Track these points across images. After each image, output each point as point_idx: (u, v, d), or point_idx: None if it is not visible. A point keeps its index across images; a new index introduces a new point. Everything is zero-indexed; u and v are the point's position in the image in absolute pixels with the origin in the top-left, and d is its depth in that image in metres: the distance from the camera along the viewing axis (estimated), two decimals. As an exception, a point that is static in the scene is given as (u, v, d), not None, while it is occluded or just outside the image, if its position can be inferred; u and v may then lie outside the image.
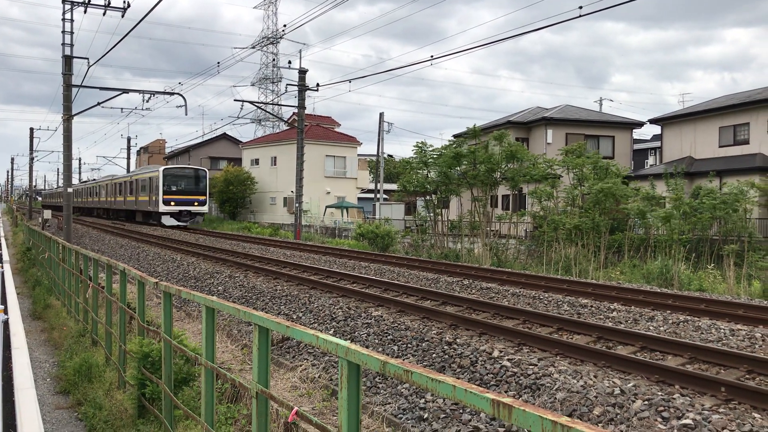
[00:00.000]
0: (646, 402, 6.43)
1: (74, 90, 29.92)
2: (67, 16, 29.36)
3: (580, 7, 16.95)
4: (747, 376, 7.50)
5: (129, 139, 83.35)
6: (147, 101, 32.26)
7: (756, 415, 6.22)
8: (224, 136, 68.59)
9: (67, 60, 29.34)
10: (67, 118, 29.69)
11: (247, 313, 4.39)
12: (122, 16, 26.85)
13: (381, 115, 51.77)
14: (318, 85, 34.86)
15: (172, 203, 42.44)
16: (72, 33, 29.49)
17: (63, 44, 29.28)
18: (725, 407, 6.45)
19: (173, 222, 42.52)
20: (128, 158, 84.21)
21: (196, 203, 43.30)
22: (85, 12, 28.16)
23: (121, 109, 35.98)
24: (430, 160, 28.51)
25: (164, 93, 32.26)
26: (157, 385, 6.54)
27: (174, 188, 42.77)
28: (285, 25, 46.70)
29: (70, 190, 30.36)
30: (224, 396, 7.35)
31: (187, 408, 5.92)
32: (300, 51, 61.04)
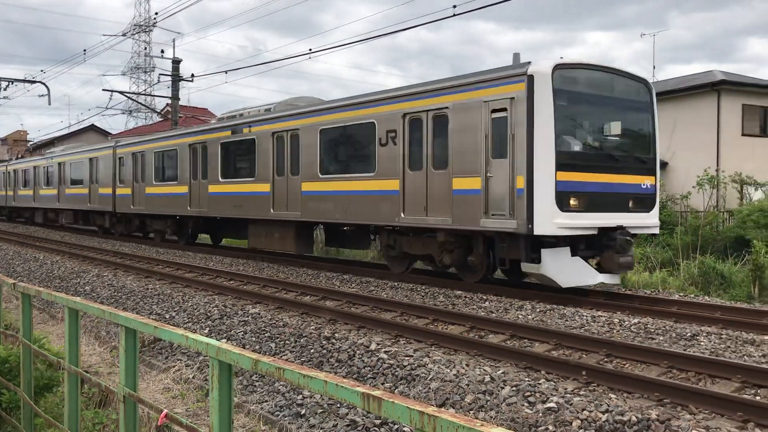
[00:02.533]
0: (514, 388, 6.74)
1: None
2: None
3: (454, 6, 17.45)
4: (605, 359, 8.02)
5: (-15, 130, 77.67)
6: (5, 89, 30.15)
7: (612, 396, 6.66)
8: (92, 128, 65.15)
9: None
10: None
11: (113, 314, 4.22)
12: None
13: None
14: (193, 75, 33.81)
15: None
16: None
17: None
18: (585, 390, 6.87)
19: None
20: (-16, 150, 78.34)
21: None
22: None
23: (-25, 97, 33.40)
24: None
25: (25, 81, 30.29)
26: (16, 392, 6.14)
27: None
28: (157, 13, 44.97)
29: None
30: (92, 401, 7.02)
31: (50, 416, 5.60)
32: (174, 40, 59.11)
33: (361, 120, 14.94)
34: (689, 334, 9.03)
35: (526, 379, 7.04)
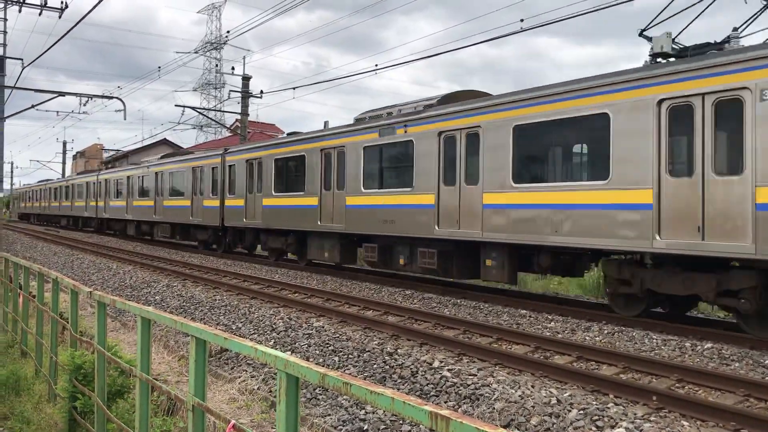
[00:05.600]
0: (582, 411, 6.56)
1: (6, 92, 28.91)
2: (0, 15, 28.40)
3: (522, 20, 17.32)
4: (677, 385, 7.74)
5: (65, 144, 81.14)
6: (84, 105, 31.45)
7: (685, 423, 6.42)
8: (164, 142, 67.31)
9: (0, 61, 28.34)
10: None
11: (184, 324, 4.31)
12: (59, 17, 26.12)
13: (326, 123, 51.63)
14: (262, 92, 34.62)
15: None
16: (5, 32, 28.54)
17: (-5, 44, 28.27)
18: (656, 416, 6.64)
19: None
20: (63, 163, 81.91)
21: None
22: (19, 11, 27.27)
23: (57, 112, 35.19)
24: None
25: (102, 97, 31.51)
26: (90, 397, 6.34)
27: None
28: (228, 31, 46.29)
29: (0, 194, 29.26)
30: (160, 408, 7.17)
31: (121, 421, 5.75)
32: (244, 57, 60.64)
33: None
34: (767, 361, 8.64)
35: (594, 402, 6.86)
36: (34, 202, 63.47)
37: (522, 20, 17.44)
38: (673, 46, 11.49)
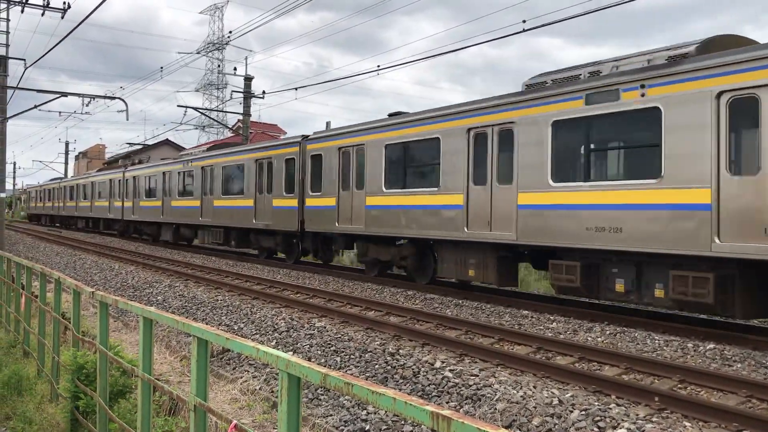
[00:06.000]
0: (584, 412, 6.56)
1: (9, 92, 28.97)
2: (3, 15, 28.45)
3: (524, 21, 17.31)
4: (679, 385, 7.73)
5: (67, 144, 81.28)
6: (87, 105, 31.49)
7: (687, 423, 6.41)
8: (166, 142, 67.37)
9: (2, 61, 28.39)
10: (2, 120, 28.69)
11: (186, 324, 4.31)
12: (62, 17, 26.17)
13: (328, 124, 51.67)
14: (264, 92, 34.59)
15: None
16: (8, 33, 28.59)
17: (-2, 44, 28.32)
18: (658, 416, 6.63)
19: None
20: (66, 163, 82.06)
21: None
22: (22, 12, 27.32)
23: (59, 112, 35.12)
24: None
25: (105, 97, 31.56)
26: (92, 397, 6.34)
27: None
28: (231, 32, 46.31)
29: (2, 195, 29.30)
30: (162, 408, 7.17)
31: (123, 421, 5.76)
32: (246, 58, 60.56)
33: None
34: (770, 362, 8.62)
35: (596, 403, 6.85)
36: (47, 201, 58.59)
37: (524, 21, 17.44)
38: None
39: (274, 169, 21.32)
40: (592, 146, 11.87)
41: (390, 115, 17.21)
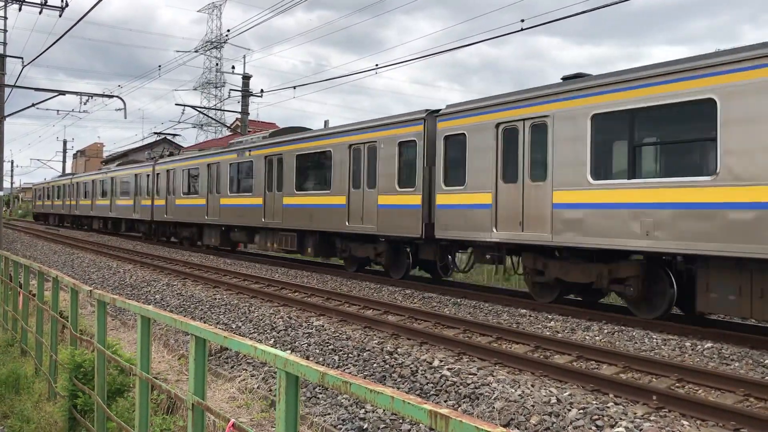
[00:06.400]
0: (582, 411, 6.56)
1: (6, 90, 28.92)
2: (0, 13, 28.40)
3: (522, 20, 17.29)
4: (677, 384, 7.74)
5: (65, 142, 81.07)
6: (85, 103, 31.42)
7: (684, 422, 6.42)
8: (165, 140, 67.31)
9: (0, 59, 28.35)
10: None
11: (184, 323, 4.31)
12: (60, 16, 26.11)
13: (326, 122, 51.65)
14: (262, 91, 34.58)
15: None
16: (6, 31, 28.54)
17: (-5, 42, 28.27)
18: (656, 415, 6.63)
19: None
20: (64, 161, 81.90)
21: None
22: (19, 9, 27.26)
23: (57, 111, 35.04)
24: None
25: (103, 95, 31.51)
26: (90, 396, 6.34)
27: None
28: (229, 30, 46.25)
29: (0, 193, 29.27)
30: (160, 407, 7.17)
31: (121, 420, 5.75)
32: (244, 56, 60.53)
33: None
34: (767, 361, 8.63)
35: (594, 402, 6.86)
36: (55, 199, 53.63)
37: (523, 20, 17.42)
38: None
39: (382, 156, 16.52)
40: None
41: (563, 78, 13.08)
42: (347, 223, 17.65)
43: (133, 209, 34.08)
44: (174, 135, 50.33)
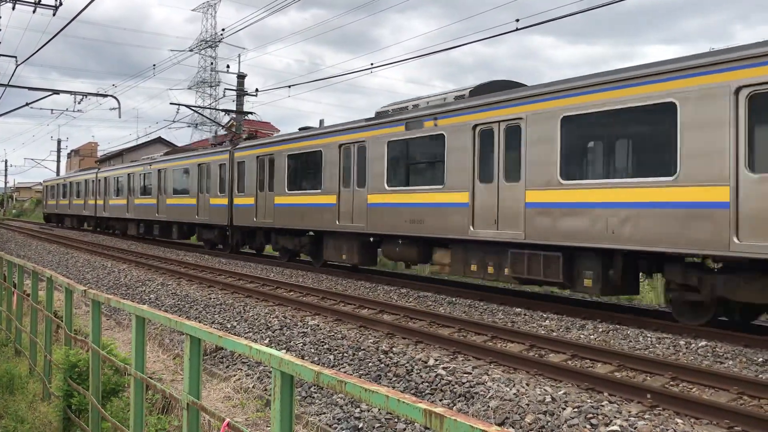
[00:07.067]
0: (576, 409, 6.58)
1: (0, 89, 28.84)
2: (-5, 12, 28.29)
3: (517, 20, 17.30)
4: (671, 383, 7.76)
5: (59, 142, 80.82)
6: (79, 103, 31.35)
7: (679, 420, 6.44)
8: (159, 140, 67.18)
9: (-6, 58, 28.28)
10: (-7, 118, 28.56)
11: (179, 322, 4.31)
12: (53, 15, 26.02)
13: (321, 121, 51.57)
14: (257, 90, 34.56)
15: None
16: (-1, 30, 28.44)
17: (-11, 42, 28.18)
18: (650, 413, 6.66)
19: None
20: (58, 161, 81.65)
21: None
22: (13, 8, 27.15)
23: (51, 110, 34.99)
24: None
25: (97, 95, 31.45)
26: (84, 396, 6.32)
27: None
28: (223, 29, 46.16)
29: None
30: (155, 407, 7.16)
31: (116, 420, 5.74)
32: (239, 55, 60.47)
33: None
34: (761, 359, 8.67)
35: (589, 400, 6.88)
36: (74, 198, 44.96)
37: (518, 20, 17.43)
38: None
39: (535, 139, 12.52)
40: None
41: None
42: (470, 229, 13.83)
43: (196, 211, 26.52)
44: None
